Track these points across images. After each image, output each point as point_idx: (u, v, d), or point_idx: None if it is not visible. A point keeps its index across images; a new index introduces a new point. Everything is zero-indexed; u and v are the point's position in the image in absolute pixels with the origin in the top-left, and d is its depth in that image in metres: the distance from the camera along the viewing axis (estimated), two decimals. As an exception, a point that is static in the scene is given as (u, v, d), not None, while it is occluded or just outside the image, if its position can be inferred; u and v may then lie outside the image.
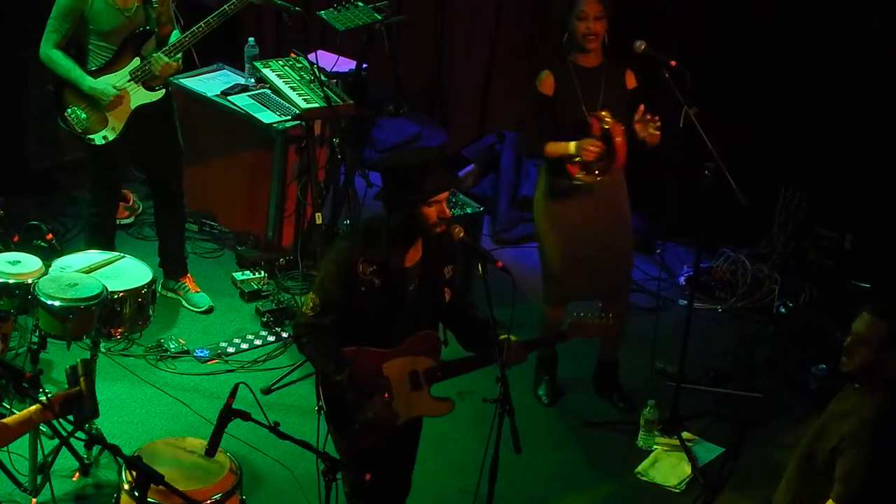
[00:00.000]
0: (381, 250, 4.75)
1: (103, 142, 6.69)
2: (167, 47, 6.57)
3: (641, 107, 6.06)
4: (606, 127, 6.04)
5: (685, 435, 6.47)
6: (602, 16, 6.05)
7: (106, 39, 6.57)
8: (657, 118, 6.01)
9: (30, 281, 5.71)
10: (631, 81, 6.25)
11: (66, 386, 4.55)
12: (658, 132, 6.02)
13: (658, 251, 8.04)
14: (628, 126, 6.05)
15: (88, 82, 6.56)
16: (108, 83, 6.58)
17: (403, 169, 4.72)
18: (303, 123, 7.30)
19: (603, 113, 6.07)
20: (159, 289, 6.83)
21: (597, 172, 6.13)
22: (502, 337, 4.87)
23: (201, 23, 6.57)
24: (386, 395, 4.85)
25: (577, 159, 6.08)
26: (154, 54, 6.54)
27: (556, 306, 6.48)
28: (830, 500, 4.57)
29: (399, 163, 4.79)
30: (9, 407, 5.84)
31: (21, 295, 5.71)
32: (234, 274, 7.49)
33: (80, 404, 4.50)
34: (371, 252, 4.75)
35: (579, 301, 6.53)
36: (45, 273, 5.81)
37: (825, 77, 7.56)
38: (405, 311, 4.86)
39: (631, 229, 6.53)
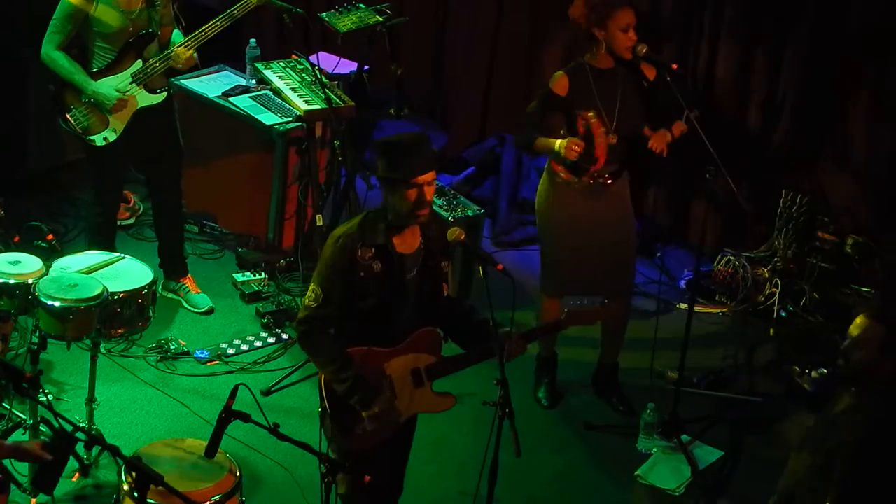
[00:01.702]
0: (379, 235, 4.77)
1: (104, 143, 6.69)
2: (186, 39, 6.57)
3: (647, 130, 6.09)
4: (590, 127, 6.04)
5: (685, 438, 6.47)
6: (636, 24, 6.10)
7: (109, 41, 6.58)
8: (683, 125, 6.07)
9: (30, 281, 5.71)
10: (650, 73, 6.24)
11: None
12: (672, 139, 6.07)
13: (658, 255, 8.04)
14: (644, 123, 6.08)
15: (91, 86, 6.56)
16: (110, 86, 6.58)
17: (390, 146, 4.76)
18: (304, 125, 7.31)
19: (589, 114, 6.07)
20: (159, 290, 6.84)
21: (586, 177, 6.15)
22: (502, 330, 4.87)
23: (213, 21, 6.58)
24: (389, 394, 4.86)
25: (562, 158, 6.09)
26: (174, 48, 6.55)
27: (553, 297, 6.49)
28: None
29: (389, 140, 4.83)
30: (9, 407, 5.85)
31: (21, 295, 5.70)
32: (234, 275, 7.49)
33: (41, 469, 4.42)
34: (369, 236, 4.77)
35: (578, 295, 6.54)
36: (46, 273, 5.81)
37: (826, 78, 7.56)
38: (404, 302, 4.86)
39: (633, 226, 6.54)
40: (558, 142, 6.07)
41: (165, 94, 6.79)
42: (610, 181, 6.22)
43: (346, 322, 4.83)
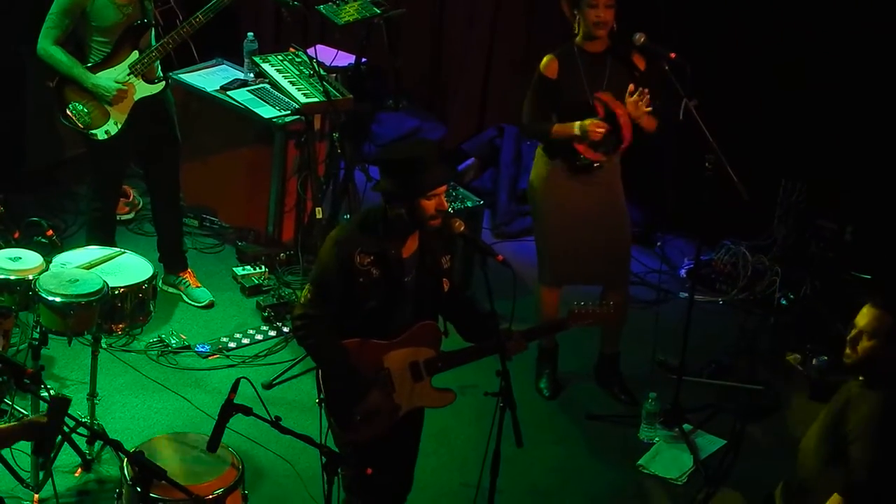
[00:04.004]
0: (377, 241, 4.75)
1: (106, 136, 6.68)
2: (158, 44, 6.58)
3: (631, 86, 6.08)
4: (610, 108, 6.06)
5: (686, 427, 6.48)
6: (612, 4, 6.08)
7: (105, 35, 6.57)
8: (646, 92, 6.03)
9: (30, 277, 5.71)
10: (641, 63, 6.24)
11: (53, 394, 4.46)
12: (649, 108, 6.03)
13: (659, 244, 8.04)
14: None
15: (91, 79, 6.56)
16: (109, 78, 6.58)
17: (402, 162, 4.71)
18: (302, 118, 7.30)
19: (604, 96, 6.08)
20: (160, 284, 6.83)
21: (602, 152, 6.16)
22: (503, 327, 4.86)
23: (198, 13, 6.58)
24: (386, 387, 4.85)
25: (586, 139, 6.10)
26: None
27: (551, 287, 6.49)
28: (836, 495, 4.57)
29: (398, 156, 4.79)
30: (10, 403, 5.85)
31: (22, 291, 5.71)
32: (234, 269, 7.49)
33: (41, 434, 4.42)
34: (367, 242, 4.75)
35: (575, 283, 6.54)
36: (46, 269, 5.81)
37: (825, 67, 7.56)
38: (404, 302, 4.85)
39: (627, 215, 6.53)
40: (576, 125, 6.07)
41: (163, 83, 6.78)
42: (597, 164, 6.22)
43: (344, 319, 4.81)
